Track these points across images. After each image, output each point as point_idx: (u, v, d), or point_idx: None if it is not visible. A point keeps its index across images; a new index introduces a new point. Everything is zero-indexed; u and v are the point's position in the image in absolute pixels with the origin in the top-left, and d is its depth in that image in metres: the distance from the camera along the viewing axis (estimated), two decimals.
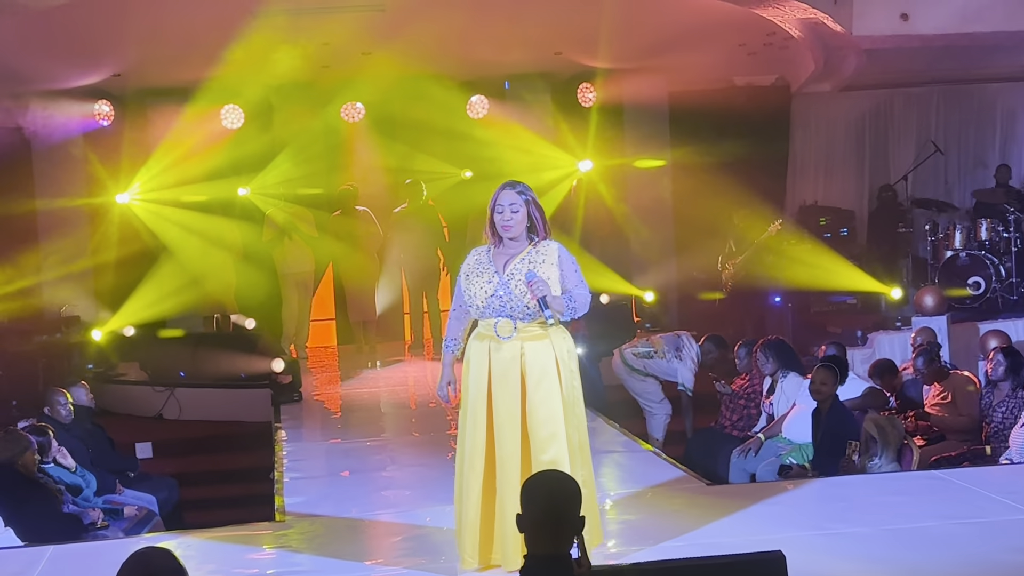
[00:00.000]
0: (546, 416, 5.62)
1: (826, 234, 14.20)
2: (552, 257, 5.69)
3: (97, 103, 13.46)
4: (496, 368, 5.70)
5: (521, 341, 5.67)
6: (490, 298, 5.69)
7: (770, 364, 9.12)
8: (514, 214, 5.68)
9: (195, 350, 12.00)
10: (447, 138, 14.20)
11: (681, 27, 12.02)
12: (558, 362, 5.68)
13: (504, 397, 5.68)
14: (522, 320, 5.66)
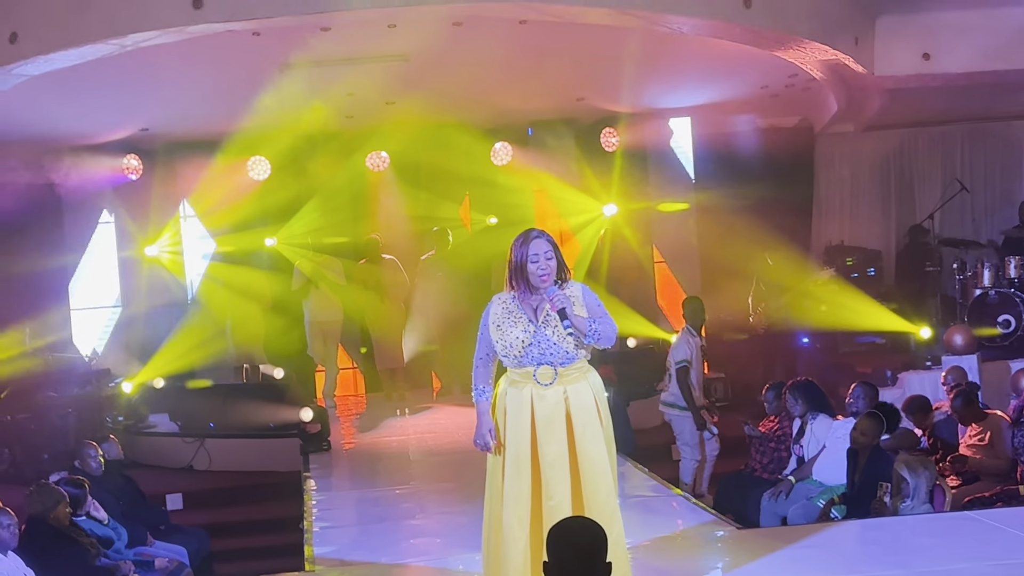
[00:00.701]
0: (596, 456, 5.68)
1: (853, 274, 14.16)
2: (578, 297, 5.75)
3: (126, 157, 13.62)
4: (540, 415, 5.72)
5: (563, 386, 5.71)
6: (528, 347, 5.71)
7: (799, 406, 9.06)
8: (548, 261, 5.71)
9: (224, 400, 12.04)
10: (472, 185, 14.29)
11: (703, 70, 12.07)
12: (597, 402, 5.75)
13: (552, 443, 5.69)
14: (561, 365, 5.71)
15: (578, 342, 5.65)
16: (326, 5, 8.53)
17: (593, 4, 8.88)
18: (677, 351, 10.34)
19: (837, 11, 10.50)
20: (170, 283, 13.91)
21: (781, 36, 9.99)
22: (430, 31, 10.05)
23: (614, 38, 10.48)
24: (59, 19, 8.76)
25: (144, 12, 8.57)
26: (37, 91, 10.09)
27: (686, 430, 10.31)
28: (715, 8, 9.40)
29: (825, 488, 8.32)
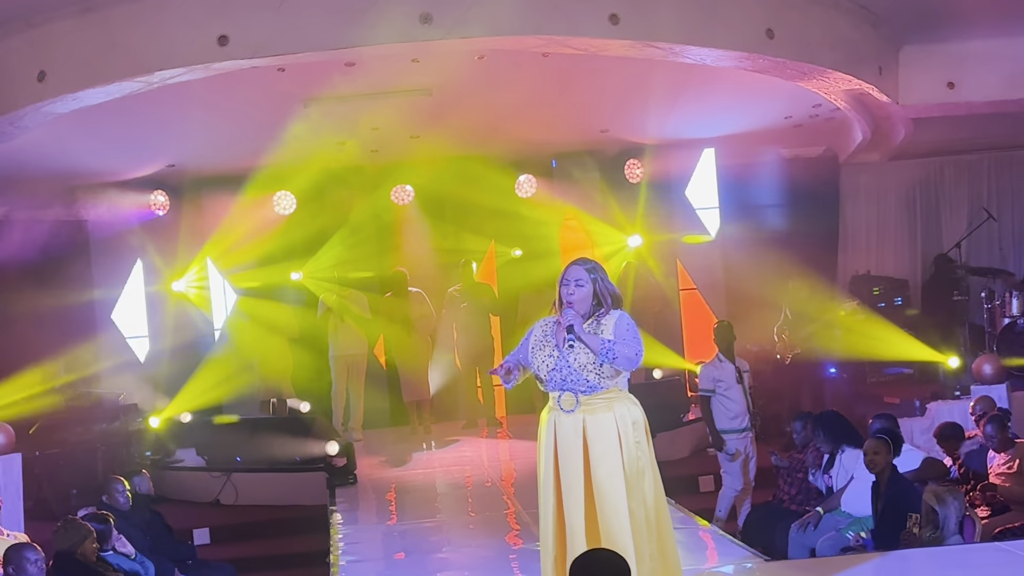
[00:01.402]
0: (608, 490, 5.69)
1: (880, 304, 14.09)
2: (610, 326, 5.76)
3: (153, 194, 13.72)
4: (561, 441, 5.81)
5: (583, 414, 5.76)
6: (551, 372, 5.80)
7: (827, 437, 9.00)
8: (578, 287, 5.80)
9: (251, 434, 12.05)
10: (496, 217, 14.33)
11: (726, 101, 12.08)
12: (620, 435, 5.72)
13: (569, 470, 5.77)
14: (583, 393, 5.74)
15: (599, 371, 5.67)
16: (350, 41, 8.59)
17: (616, 36, 8.90)
18: (700, 379, 10.37)
19: (861, 41, 10.49)
20: (196, 318, 13.99)
21: (804, 66, 9.98)
22: (453, 65, 10.11)
23: (637, 70, 10.51)
24: (86, 58, 8.85)
25: (170, 50, 8.65)
26: (65, 129, 10.19)
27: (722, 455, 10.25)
28: (738, 39, 9.41)
29: (854, 519, 8.25)
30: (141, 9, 8.63)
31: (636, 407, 5.88)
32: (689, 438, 12.34)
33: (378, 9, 8.44)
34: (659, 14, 8.98)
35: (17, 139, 10.03)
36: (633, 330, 5.80)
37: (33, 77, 9.00)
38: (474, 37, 8.70)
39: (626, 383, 5.94)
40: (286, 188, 13.78)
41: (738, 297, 13.98)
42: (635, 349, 5.73)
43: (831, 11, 10.00)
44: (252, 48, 8.54)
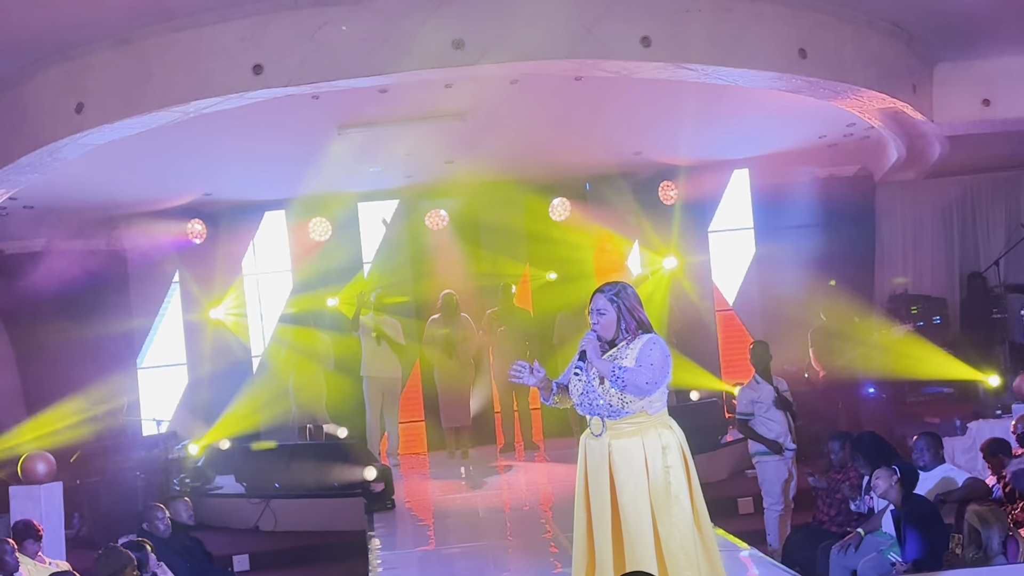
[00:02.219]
0: (632, 515, 5.73)
1: (918, 323, 13.99)
2: (635, 350, 5.78)
3: (190, 222, 13.84)
4: (590, 465, 5.89)
5: (610, 438, 5.79)
6: (581, 396, 5.89)
7: (864, 458, 8.92)
8: (601, 316, 5.89)
9: (289, 461, 12.08)
10: (531, 241, 14.35)
11: (759, 121, 12.06)
12: (647, 460, 5.72)
13: (597, 495, 5.85)
14: (609, 417, 5.77)
15: (622, 396, 5.70)
16: (383, 67, 8.65)
17: (648, 59, 8.91)
18: (738, 403, 10.32)
19: (894, 59, 10.46)
20: (234, 345, 14.07)
21: (838, 85, 9.96)
22: (486, 90, 10.16)
23: (670, 92, 10.51)
24: (123, 89, 8.96)
25: (205, 79, 8.74)
26: (103, 159, 10.30)
27: (768, 478, 10.16)
28: (770, 59, 9.40)
29: (895, 540, 8.17)
30: (176, 40, 8.73)
31: (669, 431, 5.87)
32: (727, 460, 12.27)
33: (411, 36, 8.50)
34: (691, 36, 8.99)
35: (56, 170, 10.14)
36: (655, 357, 5.79)
37: (71, 109, 9.11)
38: (506, 62, 8.73)
39: (659, 407, 5.91)
40: (321, 215, 13.86)
41: (774, 317, 13.91)
42: (646, 377, 5.73)
43: (864, 29, 9.97)
44: (286, 76, 8.62)
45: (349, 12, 8.50)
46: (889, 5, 9.80)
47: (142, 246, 13.83)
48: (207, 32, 8.66)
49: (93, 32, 8.74)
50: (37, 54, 9.03)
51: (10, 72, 9.30)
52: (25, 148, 9.54)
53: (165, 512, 9.02)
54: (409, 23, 8.51)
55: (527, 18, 8.56)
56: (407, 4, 8.51)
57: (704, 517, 5.90)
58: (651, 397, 5.80)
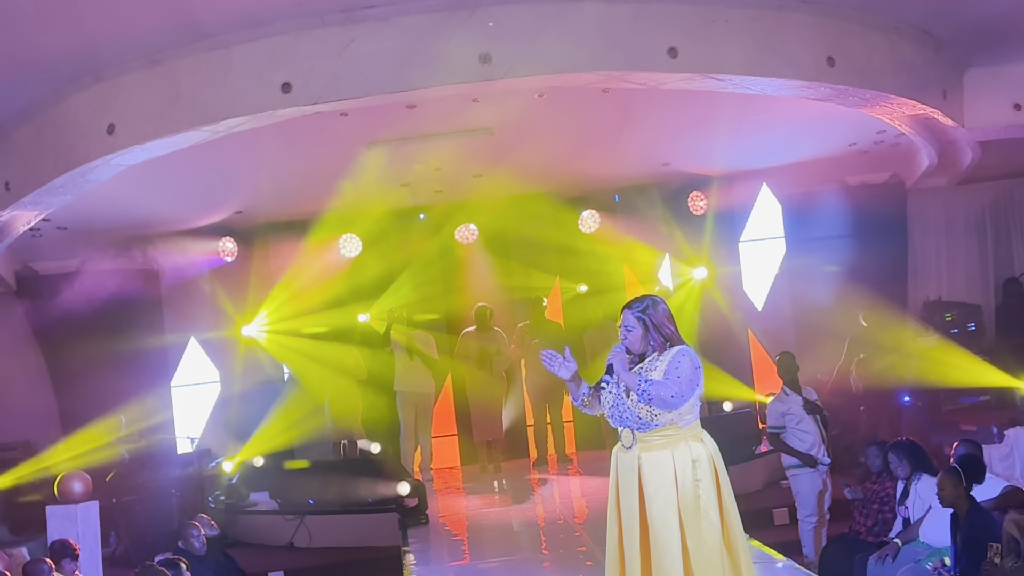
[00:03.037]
0: (660, 528, 5.72)
1: (953, 330, 13.88)
2: (664, 363, 5.77)
3: (221, 240, 13.91)
4: (621, 477, 5.89)
5: (639, 451, 5.78)
6: (611, 408, 5.89)
7: (903, 467, 8.85)
8: (629, 332, 5.92)
9: (323, 477, 12.11)
10: (561, 254, 14.35)
11: (789, 130, 12.02)
12: (676, 473, 5.70)
13: (627, 507, 5.85)
14: (639, 430, 5.77)
15: (651, 409, 5.69)
16: (411, 83, 8.67)
17: (675, 69, 8.90)
18: (768, 416, 10.23)
19: (923, 65, 10.40)
20: (266, 362, 14.12)
21: (867, 93, 9.91)
22: (514, 103, 10.18)
23: (698, 102, 10.50)
24: (153, 110, 9.02)
25: (234, 98, 8.79)
26: (135, 180, 10.37)
27: (803, 490, 10.07)
28: (798, 68, 9.37)
29: (933, 550, 8.10)
30: (206, 60, 8.78)
31: (700, 444, 5.84)
32: (761, 471, 12.21)
33: (438, 51, 8.53)
34: (718, 46, 8.97)
35: (88, 191, 10.22)
36: (683, 369, 5.77)
37: (103, 130, 9.19)
38: (533, 75, 8.74)
39: (690, 420, 5.88)
40: (351, 231, 13.91)
41: (807, 327, 13.84)
42: (672, 390, 5.71)
43: (892, 36, 9.93)
44: (315, 94, 8.65)
45: (376, 29, 8.53)
46: (918, 12, 9.74)
47: (175, 265, 13.91)
48: (236, 51, 8.71)
49: (125, 53, 8.80)
50: (70, 76, 9.11)
51: (43, 94, 9.39)
52: (58, 170, 9.62)
53: (200, 529, 9.05)
54: (436, 39, 8.54)
55: (553, 31, 8.57)
56: (434, 20, 8.54)
57: (736, 530, 5.86)
58: (680, 409, 5.77)
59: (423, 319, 14.12)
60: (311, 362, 13.74)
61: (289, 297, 13.87)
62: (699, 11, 8.89)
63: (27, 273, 13.63)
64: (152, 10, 8.06)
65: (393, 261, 14.27)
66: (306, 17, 8.50)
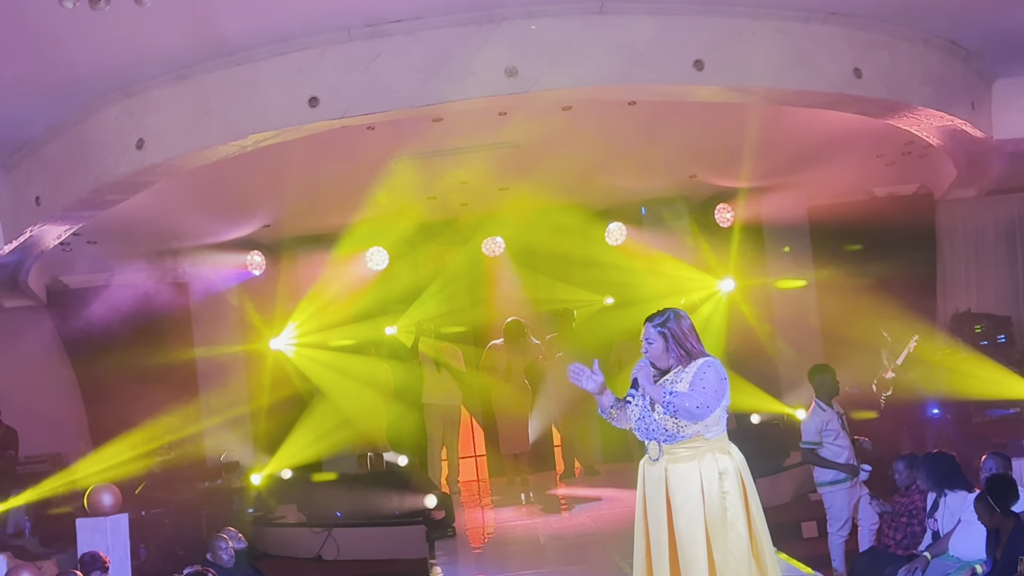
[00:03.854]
0: (688, 541, 5.73)
1: (982, 342, 13.78)
2: (690, 374, 5.78)
3: (250, 254, 13.97)
4: (648, 490, 5.92)
5: (666, 463, 5.79)
6: (638, 420, 5.90)
7: (932, 480, 8.79)
8: (650, 346, 5.97)
9: (350, 490, 12.14)
10: (587, 266, 14.35)
11: (816, 143, 11.99)
12: (703, 485, 5.70)
13: (654, 519, 5.87)
14: (665, 442, 5.78)
15: (677, 421, 5.69)
16: (437, 97, 8.70)
17: (701, 82, 8.89)
18: (804, 432, 9.86)
19: (951, 76, 10.36)
20: (294, 375, 14.16)
21: (894, 104, 9.87)
22: (540, 116, 10.20)
23: (724, 114, 10.49)
24: (182, 124, 9.08)
25: (262, 112, 8.85)
26: (164, 194, 10.45)
27: (837, 504, 9.89)
28: (825, 80, 9.35)
29: (963, 563, 8.04)
30: (234, 74, 8.84)
31: (727, 457, 5.84)
32: (790, 483, 12.16)
33: (464, 65, 8.55)
34: (744, 58, 8.96)
35: (118, 205, 10.30)
36: (708, 380, 5.78)
37: (132, 144, 9.25)
38: (559, 88, 8.76)
39: (717, 431, 5.87)
40: (378, 244, 13.95)
41: (835, 341, 13.77)
42: (697, 401, 5.71)
43: (920, 47, 9.89)
44: (342, 108, 8.69)
45: (403, 43, 8.57)
46: (946, 23, 9.71)
47: (203, 278, 13.97)
48: (264, 66, 8.77)
49: (154, 69, 8.87)
50: (99, 91, 9.18)
51: (73, 110, 9.46)
52: (87, 184, 9.70)
53: (228, 542, 9.09)
54: (462, 53, 8.56)
55: (579, 45, 8.59)
56: (460, 34, 8.57)
57: (764, 543, 5.84)
58: (707, 421, 5.78)
59: (450, 331, 14.15)
60: (338, 375, 13.78)
61: (317, 310, 13.92)
62: (725, 24, 8.89)
63: (57, 287, 13.73)
64: (181, 25, 8.12)
65: (420, 274, 14.31)
66: (333, 31, 8.55)
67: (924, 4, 9.23)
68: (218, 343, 14.23)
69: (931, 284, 14.54)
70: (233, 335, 14.27)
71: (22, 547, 11.88)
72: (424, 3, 8.36)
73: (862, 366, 13.07)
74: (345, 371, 13.74)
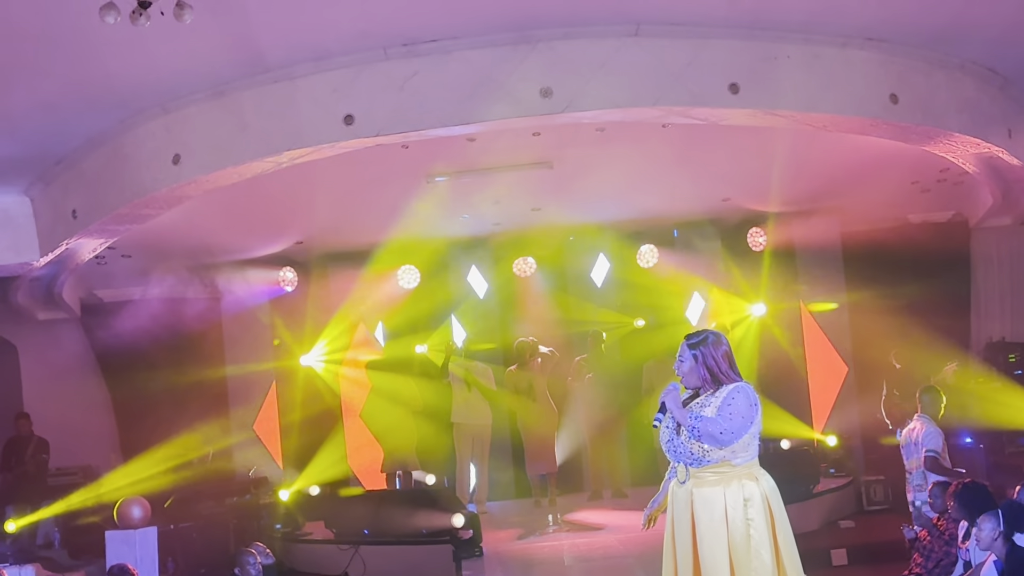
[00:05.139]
0: (711, 567, 5.72)
1: (1016, 371, 13.65)
2: (719, 399, 5.75)
3: (282, 270, 14.04)
4: (676, 511, 5.91)
5: (692, 487, 5.77)
6: (667, 443, 5.90)
7: (965, 509, 8.70)
8: (681, 363, 5.95)
9: (378, 507, 12.14)
10: (619, 288, 14.33)
11: (850, 168, 11.94)
12: (728, 511, 5.68)
13: (681, 542, 5.87)
14: (691, 466, 5.75)
15: (702, 445, 5.66)
16: (472, 117, 8.74)
17: (736, 105, 8.89)
18: (929, 438, 9.71)
19: (988, 103, 10.30)
20: (324, 392, 14.20)
21: (930, 131, 9.83)
22: (574, 137, 10.21)
23: (759, 138, 10.47)
24: (218, 140, 9.15)
25: (298, 130, 8.90)
26: (199, 209, 10.52)
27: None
28: (861, 105, 9.32)
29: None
30: (271, 92, 8.90)
31: (753, 483, 5.79)
32: (819, 510, 12.07)
33: (499, 85, 8.59)
34: (779, 82, 8.95)
35: (153, 220, 10.37)
36: (736, 406, 5.75)
37: (169, 160, 9.33)
38: (594, 110, 8.77)
39: (746, 458, 5.83)
40: (410, 262, 13.99)
41: (866, 367, 13.69)
42: (721, 427, 5.69)
43: (956, 74, 9.85)
44: (377, 126, 8.74)
45: (438, 62, 8.61)
46: (982, 49, 9.66)
47: (236, 293, 14.06)
48: (300, 84, 8.83)
49: (191, 85, 8.95)
50: (137, 107, 9.27)
51: (111, 125, 9.56)
52: (124, 199, 9.78)
53: (256, 557, 9.11)
54: (497, 73, 8.59)
55: (614, 67, 8.61)
56: (495, 54, 8.60)
57: (792, 572, 5.80)
58: (733, 447, 5.74)
59: (481, 350, 14.16)
60: (368, 392, 13.81)
61: (347, 327, 13.96)
62: (760, 48, 8.89)
63: (91, 300, 13.84)
64: (219, 43, 8.19)
65: (451, 293, 14.34)
66: (369, 50, 8.60)
67: (961, 31, 9.20)
68: (249, 359, 14.30)
69: (965, 312, 14.43)
70: (264, 351, 14.33)
71: (51, 559, 11.97)
72: (460, 23, 8.40)
73: None
74: (375, 389, 13.76)
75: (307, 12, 7.94)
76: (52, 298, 12.96)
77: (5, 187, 10.85)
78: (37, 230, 11.01)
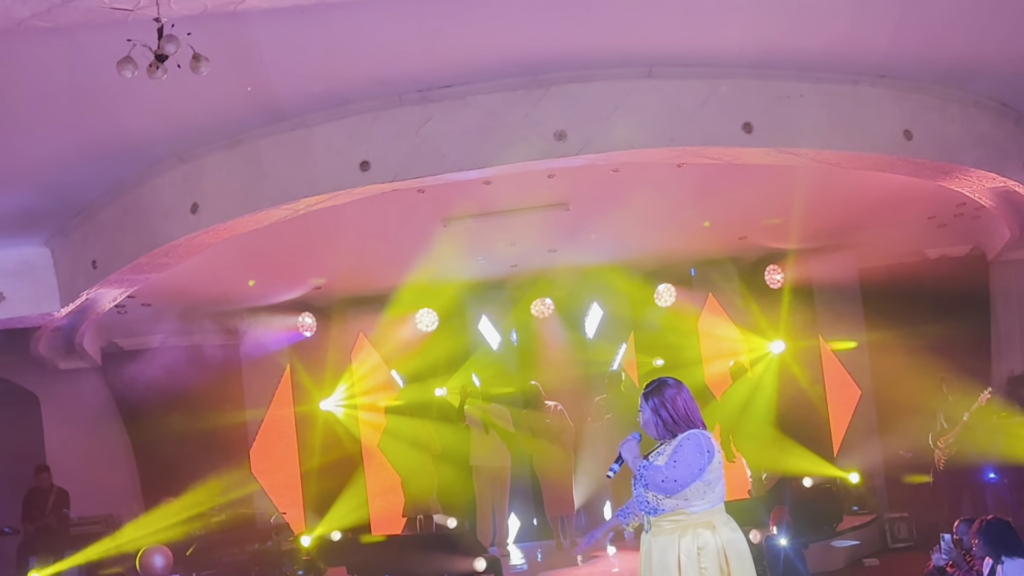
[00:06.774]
0: None
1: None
2: (671, 448, 5.73)
3: (301, 316, 14.08)
4: (642, 562, 5.91)
5: (651, 536, 5.82)
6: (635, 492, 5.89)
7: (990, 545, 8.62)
8: (641, 413, 5.91)
9: (400, 552, 12.10)
10: (636, 327, 14.31)
11: (867, 204, 11.94)
12: (680, 561, 5.65)
13: None
14: (650, 515, 5.82)
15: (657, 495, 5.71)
16: (487, 161, 8.78)
17: (750, 144, 8.91)
18: None
19: (1003, 138, 10.29)
20: (343, 436, 14.20)
21: (945, 166, 9.82)
22: (589, 179, 10.24)
23: (775, 176, 10.49)
24: (236, 189, 9.21)
25: (314, 177, 8.96)
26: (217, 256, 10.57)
27: None
28: (875, 142, 9.33)
29: None
30: (287, 140, 8.97)
31: (709, 531, 5.69)
32: (844, 549, 11.96)
33: (513, 129, 8.63)
34: (794, 120, 8.97)
35: (172, 268, 10.43)
36: (683, 454, 5.66)
37: (187, 209, 9.39)
38: (608, 152, 8.80)
39: (702, 506, 5.72)
40: (428, 306, 14.01)
41: (888, 402, 13.62)
42: (663, 475, 5.64)
43: (970, 109, 9.85)
44: (392, 172, 8.78)
45: (453, 107, 8.67)
46: (996, 85, 9.67)
47: (255, 340, 14.09)
48: (316, 131, 8.89)
49: (208, 135, 9.02)
50: (155, 157, 9.34)
51: (129, 175, 9.63)
52: (143, 248, 9.84)
53: None
54: (511, 116, 8.64)
55: (628, 108, 8.65)
56: (509, 98, 8.66)
57: None
58: (685, 495, 5.66)
59: (499, 393, 14.13)
60: (387, 436, 13.80)
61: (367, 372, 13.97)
62: (774, 87, 8.92)
63: (112, 349, 13.90)
64: (235, 93, 8.26)
65: (469, 335, 14.35)
66: (384, 97, 8.67)
67: (972, 67, 9.21)
68: (269, 404, 14.32)
69: (985, 346, 14.36)
70: (284, 396, 14.34)
71: None
72: (474, 68, 8.46)
73: (915, 429, 12.90)
74: (394, 432, 13.74)
75: (322, 61, 8.02)
76: (73, 348, 13.02)
77: (26, 238, 10.93)
78: (58, 281, 11.08)
